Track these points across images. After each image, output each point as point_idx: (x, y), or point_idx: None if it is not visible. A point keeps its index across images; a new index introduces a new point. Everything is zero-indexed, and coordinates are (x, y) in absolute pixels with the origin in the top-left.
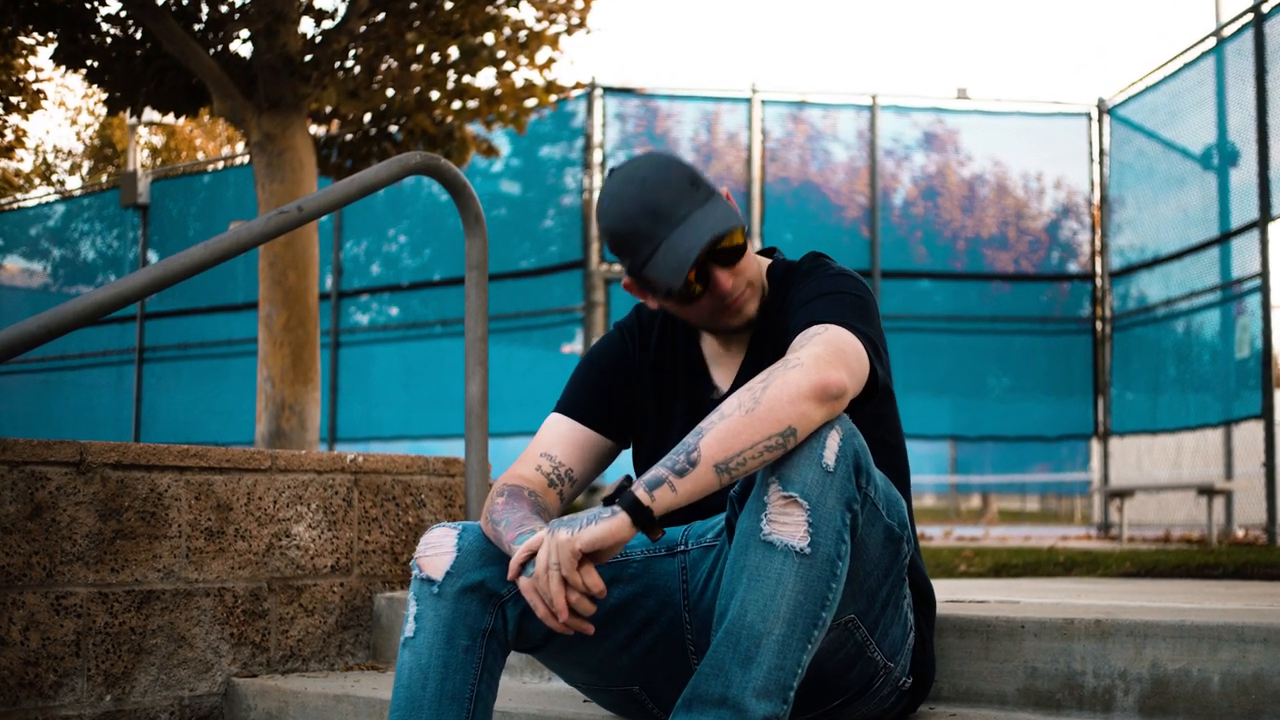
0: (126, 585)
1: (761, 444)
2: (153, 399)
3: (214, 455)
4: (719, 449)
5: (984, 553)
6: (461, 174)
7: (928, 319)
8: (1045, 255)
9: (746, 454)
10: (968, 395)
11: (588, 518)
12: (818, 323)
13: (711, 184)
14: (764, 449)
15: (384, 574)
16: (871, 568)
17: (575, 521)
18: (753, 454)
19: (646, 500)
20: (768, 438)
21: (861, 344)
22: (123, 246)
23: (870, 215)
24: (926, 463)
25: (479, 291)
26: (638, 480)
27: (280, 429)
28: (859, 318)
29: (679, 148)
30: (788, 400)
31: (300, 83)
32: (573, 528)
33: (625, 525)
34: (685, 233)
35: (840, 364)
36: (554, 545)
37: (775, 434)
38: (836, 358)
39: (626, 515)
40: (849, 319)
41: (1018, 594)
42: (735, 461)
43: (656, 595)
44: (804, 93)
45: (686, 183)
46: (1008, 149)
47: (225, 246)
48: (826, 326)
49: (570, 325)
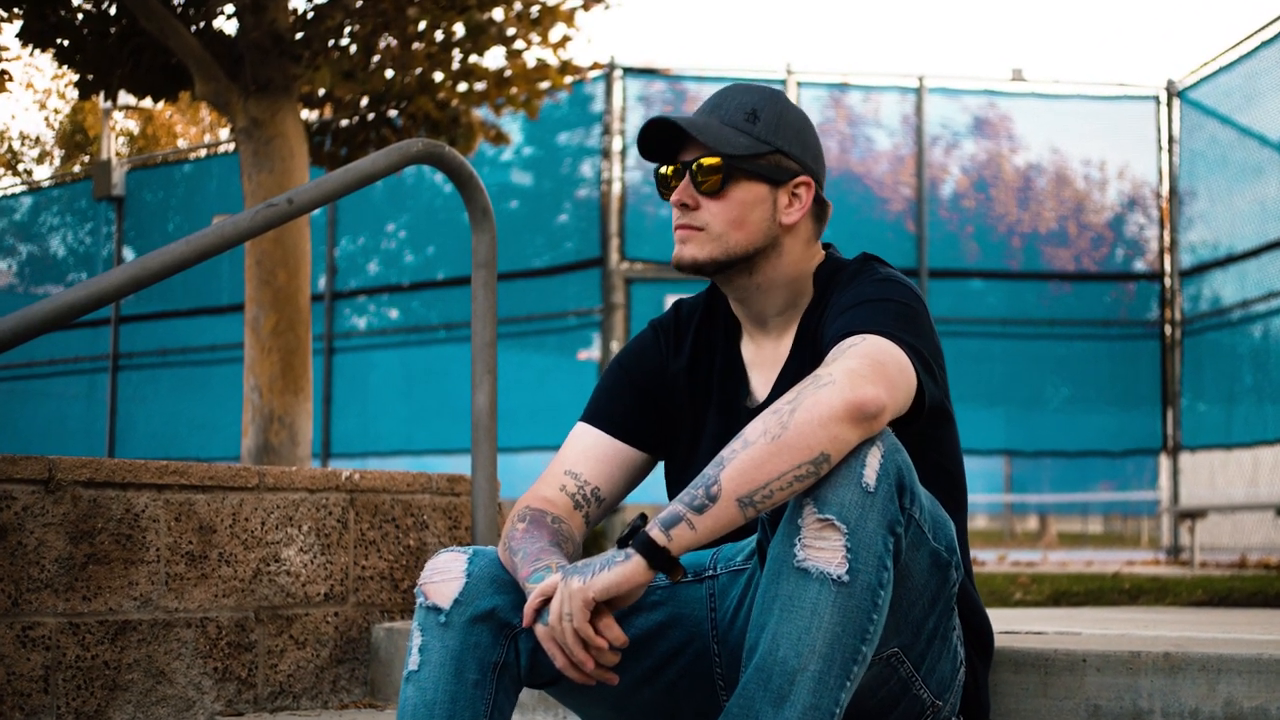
0: (100, 615)
1: (790, 474)
2: (128, 410)
3: (196, 472)
4: (742, 481)
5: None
6: (468, 163)
7: (980, 322)
8: (1109, 252)
9: (773, 485)
10: (1024, 406)
11: (601, 563)
12: (855, 333)
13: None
14: (793, 479)
15: (383, 602)
16: (916, 596)
17: (589, 567)
18: (780, 485)
19: (662, 540)
20: (797, 466)
21: (905, 355)
22: (96, 243)
23: (916, 208)
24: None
25: (487, 292)
26: (653, 518)
27: (268, 443)
28: (904, 327)
29: None
30: (818, 423)
31: (290, 63)
32: (585, 575)
33: (641, 570)
34: (692, 118)
35: (878, 378)
36: (566, 594)
37: (805, 462)
38: (873, 371)
39: (642, 558)
40: (891, 328)
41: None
42: (761, 494)
43: (682, 624)
44: (844, 74)
45: (747, 108)
46: (1067, 136)
47: (208, 243)
48: (864, 337)
49: (587, 329)
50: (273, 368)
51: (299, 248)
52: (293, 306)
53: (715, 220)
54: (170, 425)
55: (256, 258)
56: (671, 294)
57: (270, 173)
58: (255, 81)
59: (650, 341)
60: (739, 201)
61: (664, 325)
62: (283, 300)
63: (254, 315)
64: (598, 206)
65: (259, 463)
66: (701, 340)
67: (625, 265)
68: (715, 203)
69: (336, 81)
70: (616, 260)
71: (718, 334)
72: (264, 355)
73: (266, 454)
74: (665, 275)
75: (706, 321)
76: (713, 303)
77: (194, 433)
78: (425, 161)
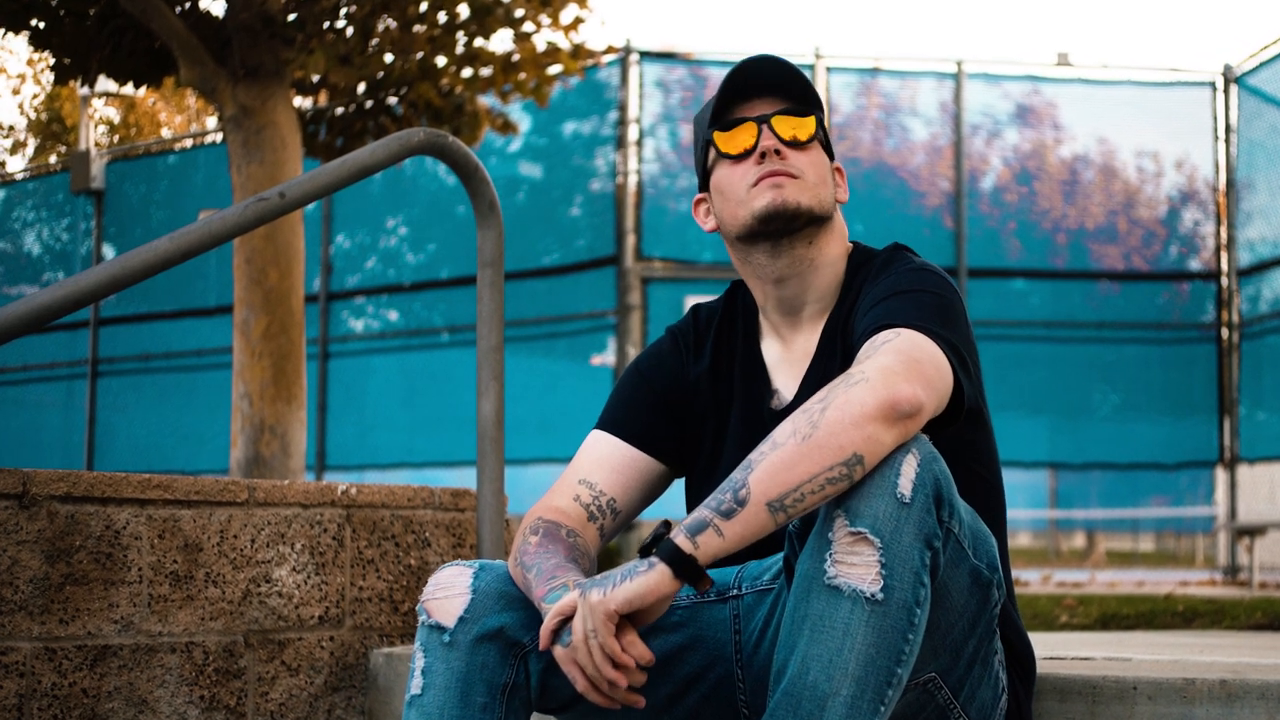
0: (78, 639)
1: (822, 476)
2: (108, 420)
3: (181, 486)
4: (771, 484)
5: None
6: (473, 154)
7: (1022, 325)
8: (1161, 250)
9: (804, 489)
10: (1069, 415)
11: (622, 573)
12: (889, 326)
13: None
14: (825, 482)
15: (381, 626)
16: (955, 617)
17: (608, 580)
18: (812, 488)
19: (688, 548)
20: (829, 469)
21: (942, 352)
22: (73, 239)
23: (955, 203)
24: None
25: (493, 292)
26: (678, 524)
27: (259, 455)
28: (940, 321)
29: None
30: (851, 422)
31: (282, 46)
32: (605, 587)
33: (666, 579)
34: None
35: (914, 376)
36: (587, 610)
37: (838, 463)
38: (910, 369)
39: (666, 567)
40: (927, 322)
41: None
42: (791, 498)
43: (704, 647)
44: (876, 58)
45: (801, 75)
46: (1117, 125)
47: (194, 239)
48: (898, 331)
49: (601, 333)
50: (263, 374)
51: (292, 245)
52: (285, 308)
53: (810, 170)
54: (153, 436)
55: (246, 256)
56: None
57: (261, 164)
58: (244, 66)
59: (669, 347)
60: (819, 162)
61: (682, 331)
62: (274, 301)
63: (243, 317)
64: (612, 200)
65: (249, 476)
66: (722, 344)
67: (642, 264)
68: (804, 155)
69: (332, 66)
70: (632, 258)
71: (737, 337)
72: (254, 360)
73: (257, 466)
74: (684, 275)
75: (726, 325)
76: (731, 306)
77: (179, 444)
78: (427, 152)
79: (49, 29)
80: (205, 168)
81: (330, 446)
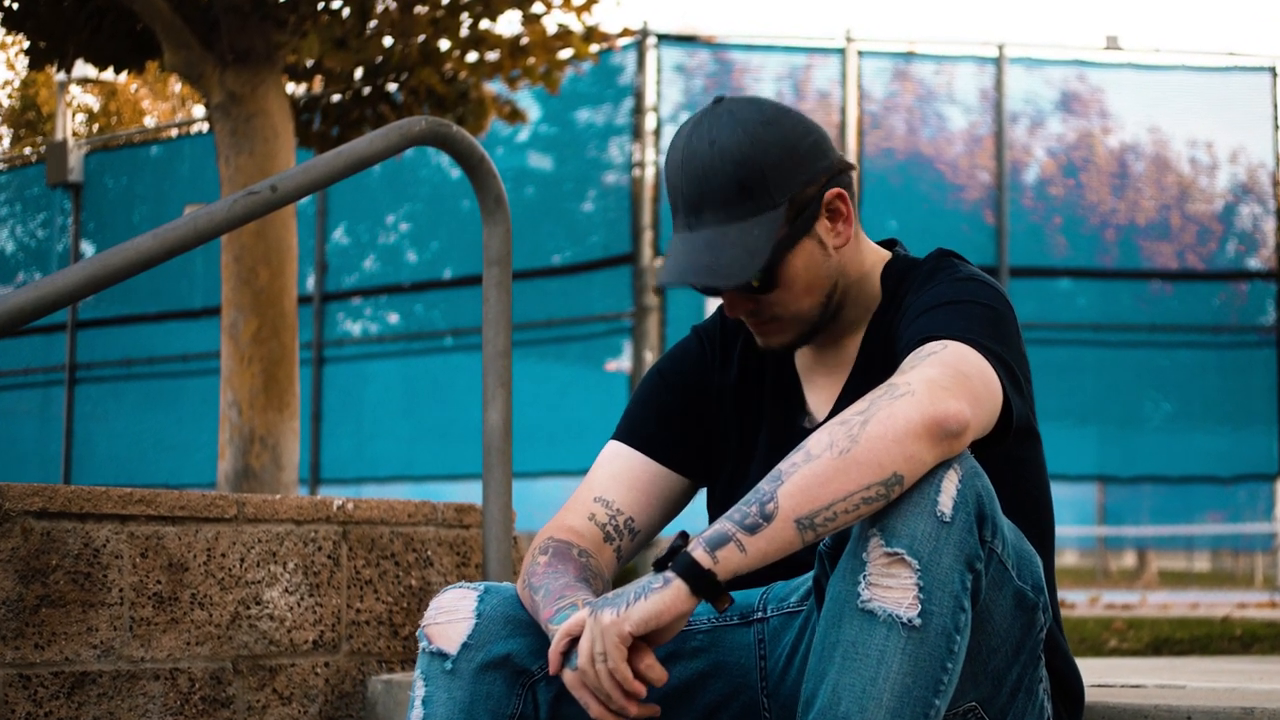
0: (54, 666)
1: (858, 495)
2: (87, 430)
3: (165, 501)
4: (802, 500)
5: (1140, 624)
6: (478, 145)
7: (1068, 328)
8: (1218, 247)
9: (837, 507)
10: (1119, 425)
11: (636, 590)
12: (935, 338)
13: (788, 179)
14: (861, 501)
15: (380, 651)
16: (998, 643)
17: (621, 598)
18: (845, 507)
19: (707, 562)
20: (866, 487)
21: (991, 366)
22: (50, 236)
23: (995, 197)
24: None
25: (500, 293)
26: (697, 538)
27: (249, 467)
28: (990, 334)
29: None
30: (893, 439)
31: (274, 29)
32: (618, 606)
33: (683, 595)
34: (687, 245)
35: (961, 391)
36: (598, 631)
37: (876, 482)
38: (956, 383)
39: (683, 583)
40: (976, 335)
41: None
42: (823, 517)
43: (727, 674)
44: (912, 42)
45: (735, 186)
46: (1169, 113)
47: (179, 236)
48: (945, 343)
49: (616, 336)
50: (254, 380)
51: (284, 242)
52: (276, 310)
53: (783, 306)
54: (135, 447)
55: (235, 254)
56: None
57: (250, 155)
58: (233, 50)
59: (694, 349)
60: (794, 276)
61: (709, 332)
62: (265, 303)
63: (232, 320)
64: (628, 194)
65: (238, 490)
66: (751, 351)
67: (660, 262)
68: (773, 294)
69: (327, 50)
70: (650, 257)
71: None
72: (243, 366)
73: (246, 480)
74: None
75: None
76: None
77: (163, 456)
78: (429, 143)
79: (23, 9)
80: (191, 159)
81: (325, 458)
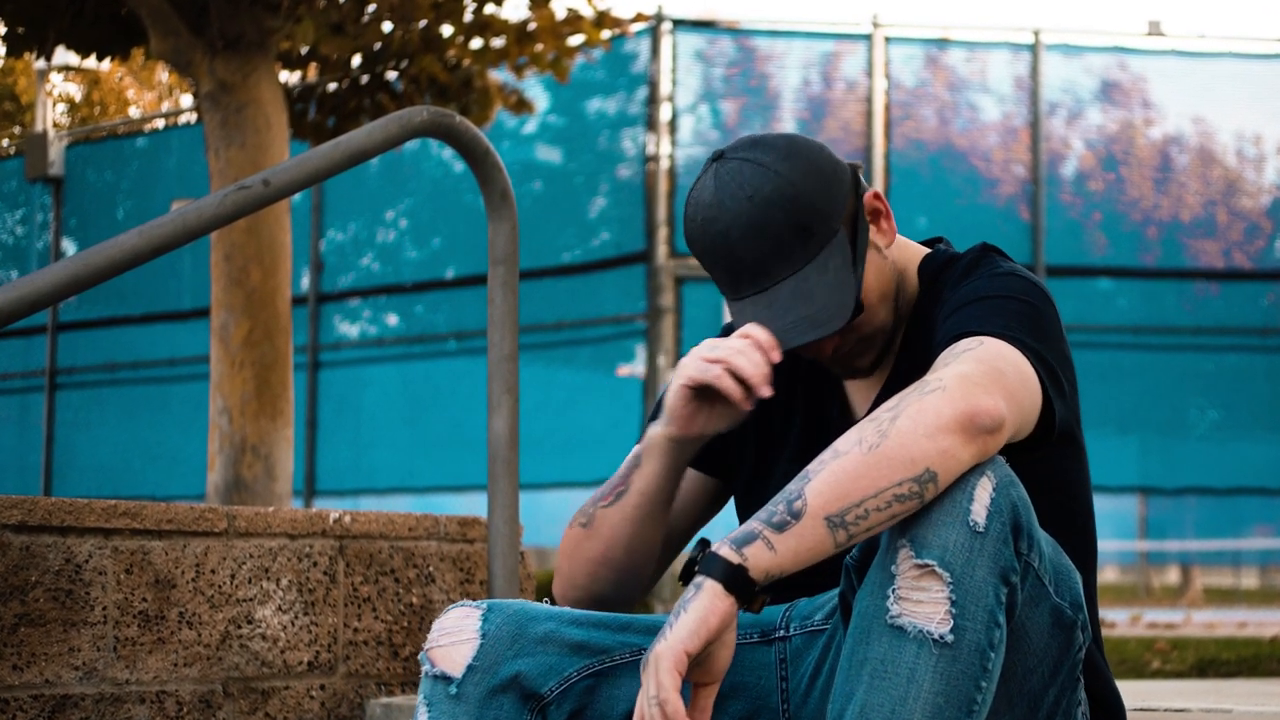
0: (34, 688)
1: (889, 491)
2: (69, 438)
3: (151, 514)
4: (832, 496)
5: (1184, 644)
6: (483, 136)
7: (1109, 330)
8: (1266, 245)
9: (869, 504)
10: (1162, 433)
11: (674, 612)
12: (970, 334)
13: (838, 212)
14: (893, 498)
15: (379, 673)
16: (1034, 662)
17: (663, 627)
18: (878, 505)
19: (735, 559)
20: (897, 484)
21: (1029, 363)
22: (29, 233)
23: (1032, 192)
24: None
25: (506, 293)
26: (720, 540)
27: (240, 478)
28: (1029, 331)
29: (781, 100)
30: (924, 433)
31: (266, 13)
32: (663, 635)
33: (719, 596)
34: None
35: (996, 388)
36: (653, 670)
37: (908, 478)
38: (991, 379)
39: (715, 582)
40: (1014, 331)
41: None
42: (854, 514)
43: (746, 695)
44: (944, 28)
45: (794, 230)
46: (1215, 103)
47: (166, 233)
48: (981, 340)
49: (629, 339)
50: (245, 386)
51: (277, 239)
52: (269, 311)
53: (868, 325)
54: (120, 456)
55: (225, 252)
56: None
57: (242, 147)
58: (223, 36)
59: None
60: (869, 291)
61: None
62: (257, 304)
63: (222, 322)
64: (641, 189)
65: (228, 502)
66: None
67: (675, 261)
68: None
69: (323, 36)
70: (664, 255)
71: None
72: (234, 371)
73: (237, 491)
74: None
75: None
76: None
77: (148, 465)
78: (431, 134)
79: None
80: (179, 151)
81: (321, 469)
